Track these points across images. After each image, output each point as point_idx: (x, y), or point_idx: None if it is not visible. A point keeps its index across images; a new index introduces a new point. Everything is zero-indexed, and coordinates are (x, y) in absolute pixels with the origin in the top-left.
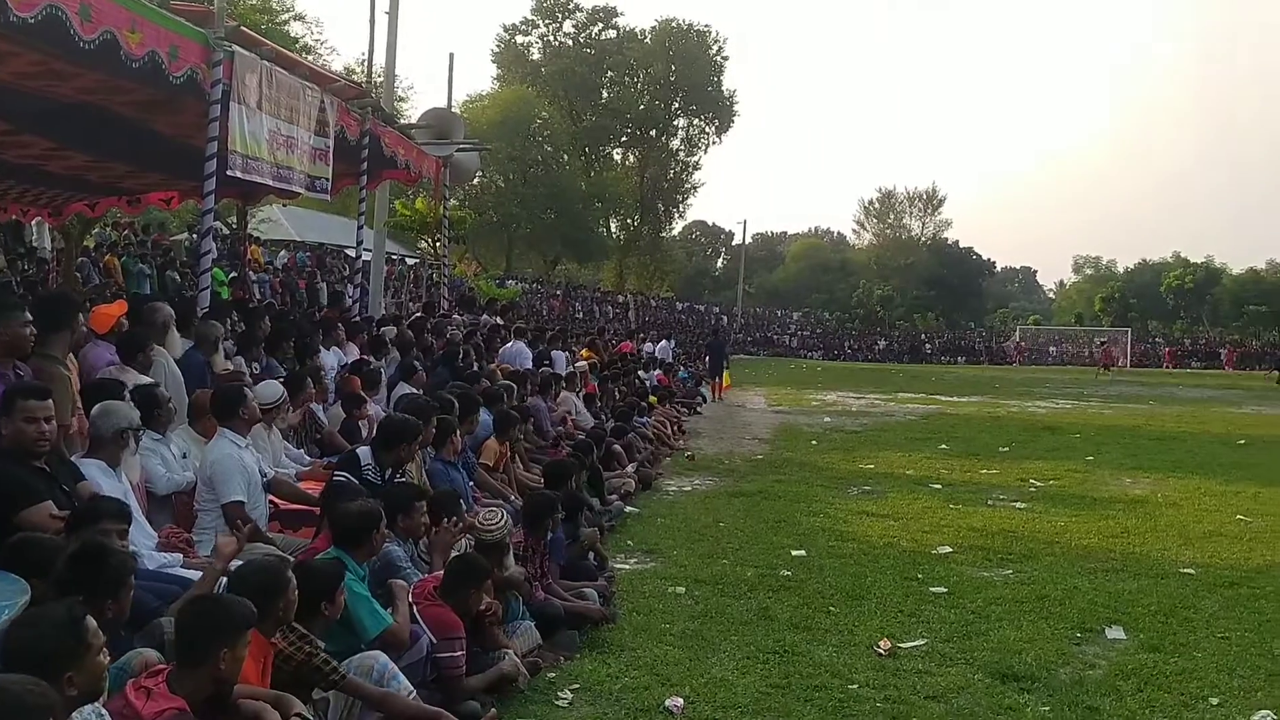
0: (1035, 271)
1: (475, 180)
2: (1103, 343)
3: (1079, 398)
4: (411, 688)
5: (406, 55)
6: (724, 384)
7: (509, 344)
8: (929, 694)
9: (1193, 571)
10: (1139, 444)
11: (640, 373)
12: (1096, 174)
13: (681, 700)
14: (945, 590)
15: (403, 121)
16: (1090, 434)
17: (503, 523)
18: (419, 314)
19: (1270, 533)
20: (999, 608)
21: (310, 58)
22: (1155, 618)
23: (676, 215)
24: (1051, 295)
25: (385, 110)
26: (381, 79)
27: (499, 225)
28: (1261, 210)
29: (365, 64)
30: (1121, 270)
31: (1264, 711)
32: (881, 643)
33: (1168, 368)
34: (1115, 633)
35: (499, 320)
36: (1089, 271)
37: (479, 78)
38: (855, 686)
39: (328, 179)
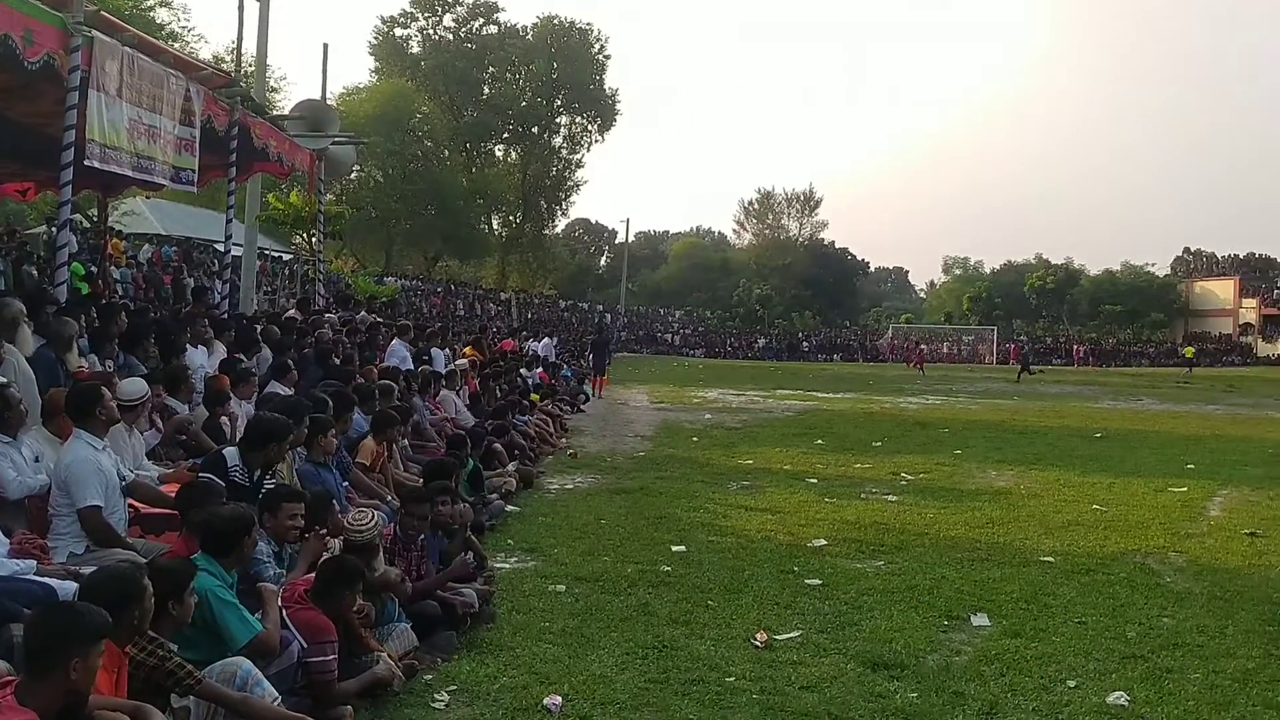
0: (907, 272)
1: (352, 175)
2: (917, 342)
3: (948, 393)
4: (276, 694)
5: (279, 45)
6: (603, 381)
7: (389, 342)
8: (803, 684)
9: (1052, 559)
10: (1003, 438)
11: (523, 370)
12: (966, 178)
13: (560, 699)
14: (820, 582)
15: (275, 113)
16: (958, 429)
17: (373, 523)
18: (293, 311)
19: (1123, 521)
20: (871, 598)
21: (176, 45)
22: (1017, 604)
23: (559, 213)
24: (923, 295)
25: (256, 100)
26: (252, 68)
27: (378, 221)
28: (1116, 214)
29: (235, 53)
30: (988, 271)
31: (1118, 692)
32: (758, 635)
33: (1012, 362)
34: (980, 620)
35: (378, 318)
36: (958, 272)
37: (356, 70)
38: (732, 679)
39: (194, 170)
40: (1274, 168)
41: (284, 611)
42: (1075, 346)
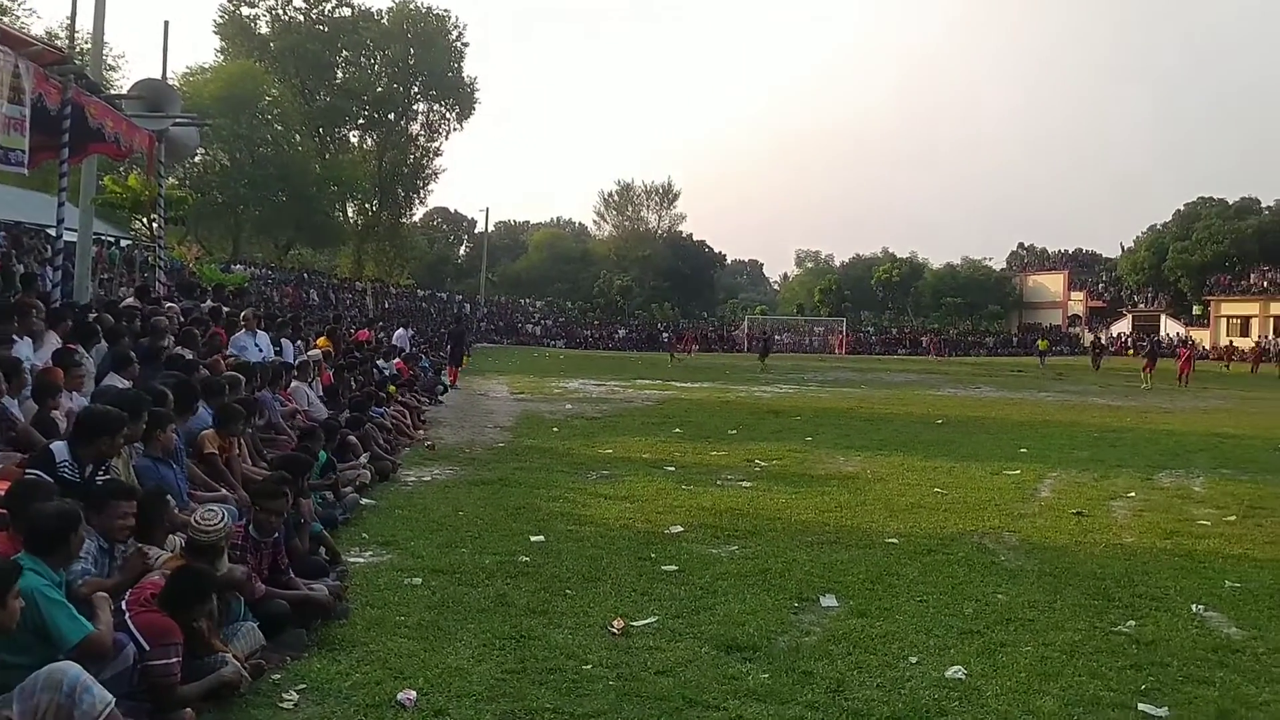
0: (762, 264)
1: (196, 158)
2: (677, 328)
3: (800, 382)
4: (110, 699)
5: (117, 22)
6: (456, 371)
7: (238, 333)
8: (659, 669)
9: (896, 541)
10: (852, 425)
11: (379, 362)
12: (817, 173)
13: (414, 693)
14: (676, 568)
15: (112, 92)
16: (810, 416)
17: (221, 522)
18: (131, 300)
19: (962, 504)
20: (725, 582)
21: (5, 19)
22: (864, 585)
23: (417, 201)
24: (777, 287)
25: (91, 79)
26: (88, 45)
27: (225, 207)
28: (957, 211)
29: (69, 28)
30: (838, 264)
31: (956, 666)
32: (615, 622)
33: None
34: (829, 601)
35: (226, 308)
36: (809, 265)
37: (201, 50)
38: (589, 666)
39: (24, 150)
40: (1100, 169)
41: (126, 613)
42: (925, 337)
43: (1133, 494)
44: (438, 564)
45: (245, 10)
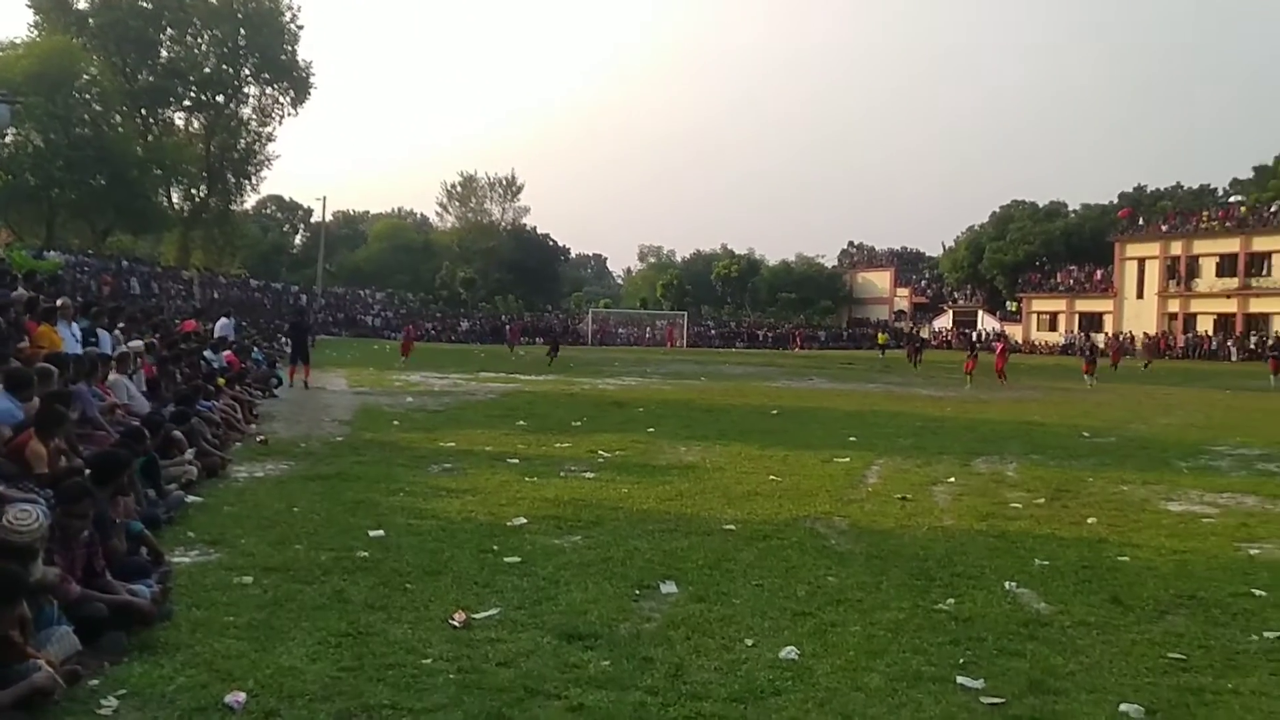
0: (606, 258)
1: (7, 138)
2: (516, 319)
3: (643, 375)
4: None
5: None
6: (307, 369)
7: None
8: (500, 660)
9: (734, 527)
10: (692, 416)
11: (207, 353)
12: (663, 170)
13: (244, 695)
14: (519, 560)
15: None
16: (652, 408)
17: (35, 523)
18: None
19: (796, 490)
20: (568, 572)
21: None
22: (702, 571)
23: (249, 188)
24: (620, 281)
25: None
26: None
27: (38, 190)
28: (792, 209)
29: None
30: (680, 259)
31: (790, 647)
32: (456, 615)
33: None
34: (669, 587)
35: (40, 296)
36: (652, 260)
37: (12, 24)
38: (429, 661)
39: None
40: (924, 172)
41: None
42: (797, 333)
43: (952, 479)
44: (270, 562)
45: None
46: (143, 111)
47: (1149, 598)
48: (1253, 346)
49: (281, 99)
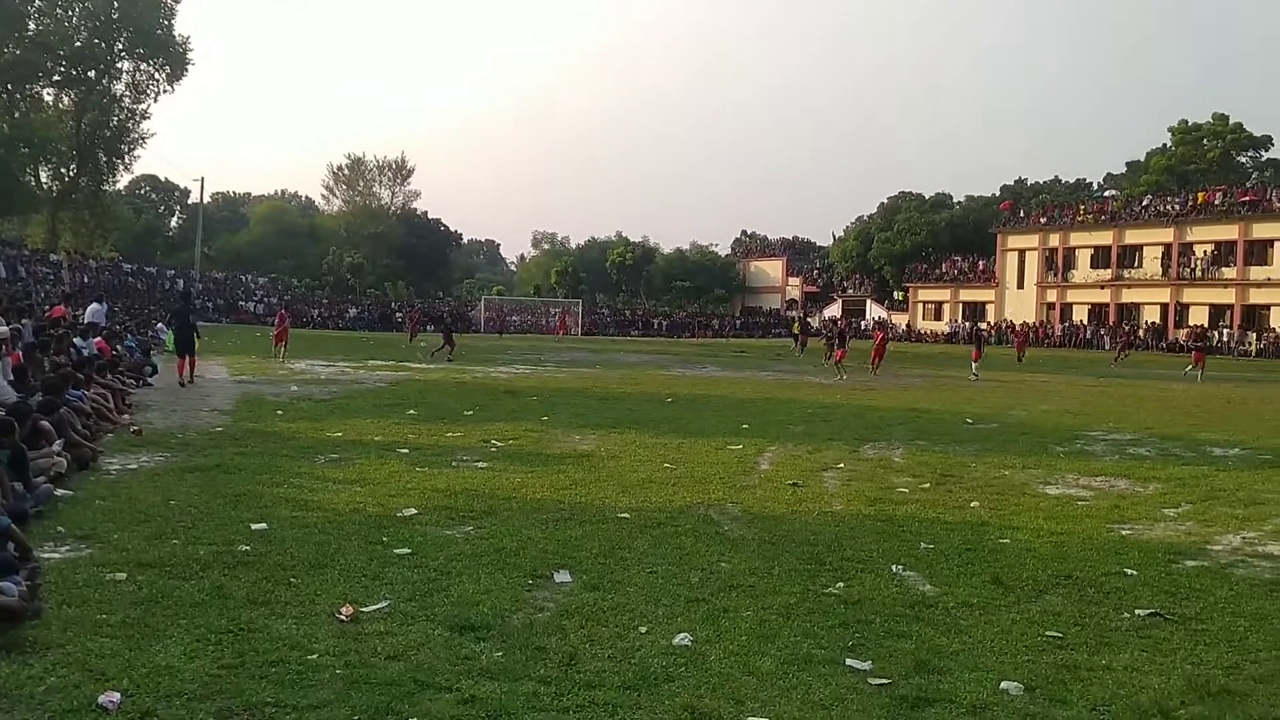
0: (499, 245)
1: None
2: (414, 307)
3: (538, 363)
4: None
5: None
6: (193, 361)
7: None
8: (389, 654)
9: (628, 515)
10: (587, 404)
11: (77, 340)
12: (558, 157)
13: (118, 695)
14: (409, 551)
15: None
16: (546, 396)
17: None
18: None
19: (690, 478)
20: (460, 563)
21: None
22: (596, 559)
23: (122, 167)
24: (514, 268)
25: None
26: None
27: None
28: (687, 197)
29: None
30: (574, 246)
31: (683, 634)
32: (343, 609)
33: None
34: (563, 576)
35: None
36: (546, 247)
37: None
38: (315, 656)
39: None
40: (812, 162)
41: None
42: (720, 320)
43: (842, 465)
44: (145, 557)
45: None
46: (9, 87)
47: (1028, 578)
48: (1124, 336)
49: (157, 75)
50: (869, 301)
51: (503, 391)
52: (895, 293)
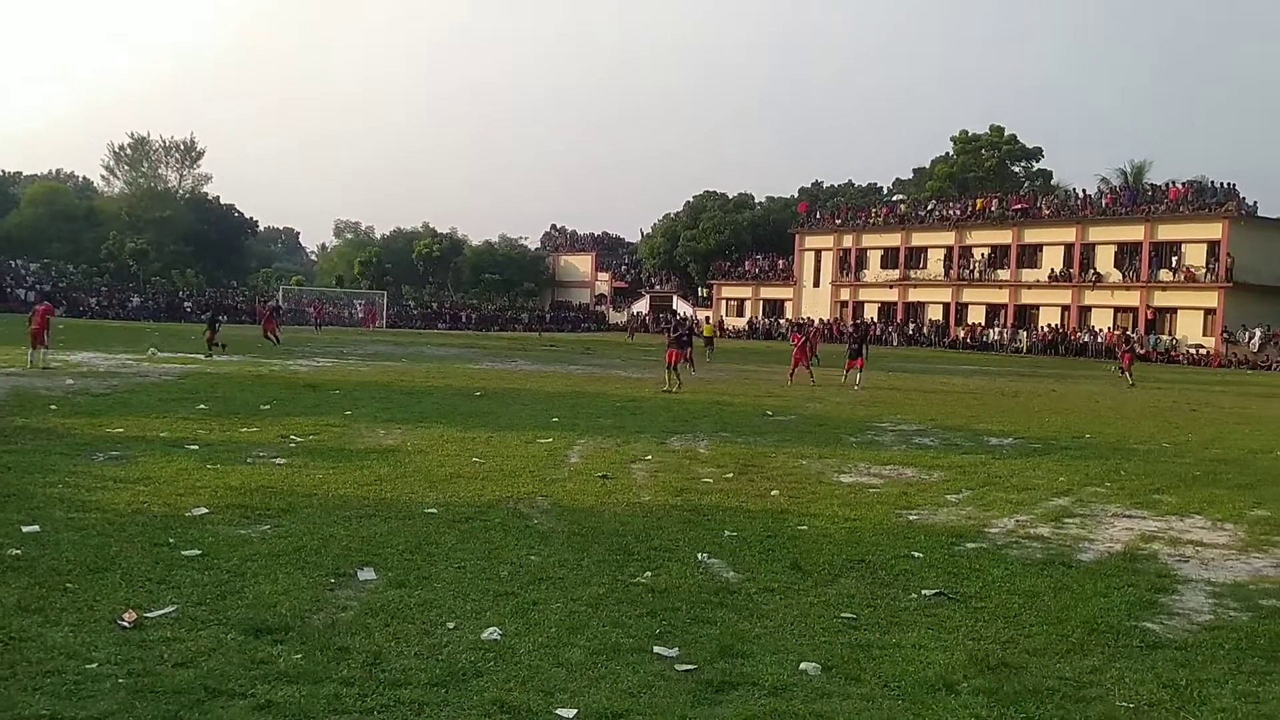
0: (299, 233)
1: None
2: (265, 304)
3: (340, 356)
4: None
5: None
6: None
7: None
8: (177, 661)
9: (436, 510)
10: (392, 398)
11: None
12: (363, 143)
13: None
14: (199, 552)
15: None
16: (349, 390)
17: None
18: None
19: (499, 471)
20: (255, 564)
21: None
22: (403, 556)
23: None
24: (314, 257)
25: None
26: None
27: None
28: (494, 189)
29: None
30: (379, 236)
31: (492, 628)
32: (126, 615)
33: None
34: (367, 574)
35: None
36: (349, 236)
37: None
38: (94, 665)
39: None
40: (623, 160)
41: None
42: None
43: (650, 457)
44: None
45: None
46: None
47: (825, 563)
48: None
49: None
50: (675, 297)
51: (303, 385)
52: (700, 289)
